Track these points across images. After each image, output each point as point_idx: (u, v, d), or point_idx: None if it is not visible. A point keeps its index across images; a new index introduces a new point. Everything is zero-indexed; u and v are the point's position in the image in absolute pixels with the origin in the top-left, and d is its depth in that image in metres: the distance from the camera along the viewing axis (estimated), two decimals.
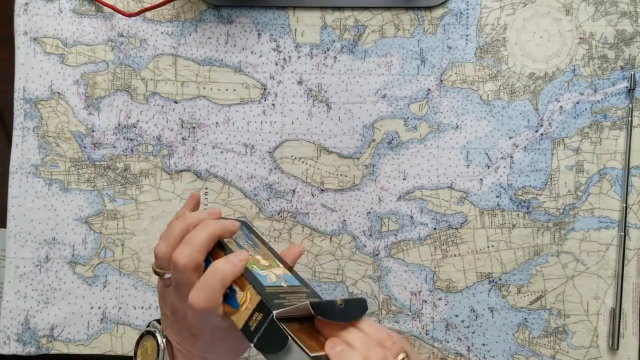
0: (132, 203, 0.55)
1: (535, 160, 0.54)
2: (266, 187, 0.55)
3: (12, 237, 0.55)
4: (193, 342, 0.41)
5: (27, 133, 0.55)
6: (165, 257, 0.40)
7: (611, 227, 0.54)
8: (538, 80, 0.55)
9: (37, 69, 0.55)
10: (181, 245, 0.39)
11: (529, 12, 0.55)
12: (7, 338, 0.54)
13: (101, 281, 0.55)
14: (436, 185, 0.55)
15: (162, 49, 0.56)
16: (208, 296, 0.37)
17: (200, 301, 0.37)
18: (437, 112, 0.55)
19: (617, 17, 0.54)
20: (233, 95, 0.56)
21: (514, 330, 0.54)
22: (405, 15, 0.55)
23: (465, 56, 0.55)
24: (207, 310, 0.37)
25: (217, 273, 0.38)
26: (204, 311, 0.37)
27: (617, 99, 0.54)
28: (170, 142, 0.56)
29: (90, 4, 0.56)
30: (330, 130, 0.55)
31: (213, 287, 0.37)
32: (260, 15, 0.55)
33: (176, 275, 0.39)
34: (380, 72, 0.55)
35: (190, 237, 0.39)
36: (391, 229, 0.55)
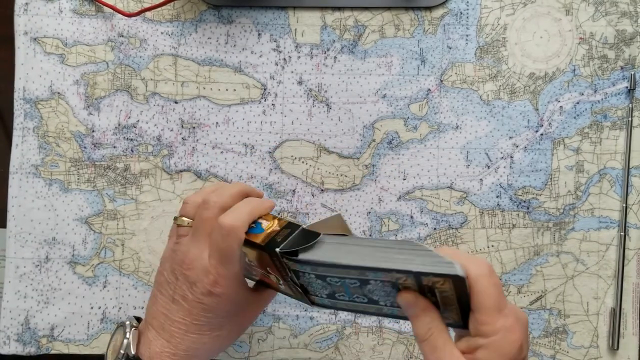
0: (132, 203, 0.55)
1: (535, 160, 0.54)
2: (266, 187, 0.55)
3: (12, 237, 0.55)
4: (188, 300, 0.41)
5: (27, 133, 0.55)
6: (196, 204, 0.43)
7: (611, 227, 0.54)
8: (538, 80, 0.55)
9: (37, 69, 0.55)
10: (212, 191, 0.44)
11: (529, 12, 0.55)
12: (7, 338, 0.54)
13: (101, 281, 0.55)
14: (436, 185, 0.55)
15: (162, 49, 0.56)
16: (236, 216, 0.41)
17: (227, 219, 0.40)
18: (437, 112, 0.55)
19: (617, 17, 0.54)
20: (233, 95, 0.56)
21: None
22: (405, 15, 0.55)
23: (465, 56, 0.55)
24: (231, 227, 0.40)
25: (250, 202, 0.43)
26: (229, 227, 0.40)
27: (617, 99, 0.54)
28: (170, 142, 0.56)
29: (90, 4, 0.56)
30: (330, 130, 0.55)
31: (242, 211, 0.41)
32: (260, 15, 0.55)
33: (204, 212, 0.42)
34: (380, 72, 0.55)
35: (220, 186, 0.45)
36: (391, 229, 0.55)
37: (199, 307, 0.41)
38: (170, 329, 0.42)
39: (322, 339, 0.55)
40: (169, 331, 0.42)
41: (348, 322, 0.55)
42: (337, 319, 0.55)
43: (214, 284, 0.41)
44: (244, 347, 0.55)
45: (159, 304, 0.43)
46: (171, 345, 0.41)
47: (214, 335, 0.43)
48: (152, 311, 0.43)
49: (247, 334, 0.55)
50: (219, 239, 0.41)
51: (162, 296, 0.43)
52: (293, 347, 0.55)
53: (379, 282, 0.37)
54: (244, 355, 0.55)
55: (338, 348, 0.55)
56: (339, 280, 0.39)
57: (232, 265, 0.41)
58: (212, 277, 0.41)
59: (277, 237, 0.40)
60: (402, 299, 0.37)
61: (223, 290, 0.41)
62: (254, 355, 0.55)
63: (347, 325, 0.55)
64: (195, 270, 0.41)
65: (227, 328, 0.43)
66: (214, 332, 0.42)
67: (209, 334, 0.42)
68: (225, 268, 0.41)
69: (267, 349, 0.55)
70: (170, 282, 0.43)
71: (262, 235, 0.41)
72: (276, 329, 0.55)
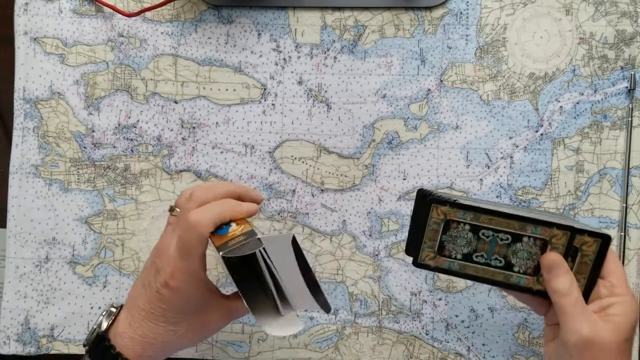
0: (132, 203, 0.55)
1: (535, 160, 0.54)
2: (266, 187, 0.55)
3: (12, 237, 0.55)
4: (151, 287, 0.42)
5: (27, 133, 0.55)
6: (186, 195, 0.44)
7: (611, 227, 0.54)
8: (538, 80, 0.55)
9: (37, 69, 0.55)
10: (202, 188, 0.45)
11: (529, 12, 0.55)
12: (7, 338, 0.54)
13: (101, 281, 0.55)
14: (436, 185, 0.55)
15: (162, 49, 0.56)
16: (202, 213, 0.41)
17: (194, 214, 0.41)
18: (437, 112, 0.55)
19: (617, 17, 0.54)
20: (233, 95, 0.56)
21: (514, 330, 0.54)
22: (405, 15, 0.55)
23: (465, 56, 0.55)
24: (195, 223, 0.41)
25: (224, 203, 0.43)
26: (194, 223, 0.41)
27: (617, 99, 0.54)
28: (170, 142, 0.56)
29: (90, 4, 0.56)
30: (330, 130, 0.55)
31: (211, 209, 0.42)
32: (260, 15, 0.55)
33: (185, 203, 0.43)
34: (380, 72, 0.55)
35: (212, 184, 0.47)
36: (391, 229, 0.55)
37: (156, 297, 0.42)
38: (133, 312, 0.43)
39: (322, 339, 0.55)
40: (132, 314, 0.43)
41: (348, 322, 0.55)
42: (337, 319, 0.55)
43: (171, 276, 0.41)
44: (244, 347, 0.55)
45: (133, 287, 0.44)
46: (131, 329, 0.42)
47: (168, 329, 0.43)
48: (128, 293, 0.45)
49: (247, 334, 0.55)
50: (182, 232, 0.41)
51: (138, 280, 0.44)
52: (293, 347, 0.55)
53: (532, 240, 0.43)
54: (244, 355, 0.55)
55: (338, 348, 0.55)
56: (491, 235, 0.44)
57: (190, 261, 0.41)
58: (170, 268, 0.41)
59: (231, 242, 0.41)
60: (549, 258, 0.42)
61: (178, 284, 0.41)
62: (254, 355, 0.55)
63: (347, 325, 0.55)
64: (162, 259, 0.42)
65: (183, 326, 0.43)
66: (169, 326, 0.43)
67: (163, 327, 0.42)
68: (183, 262, 0.41)
69: (267, 349, 0.55)
70: (146, 267, 0.44)
71: (223, 238, 0.42)
72: None
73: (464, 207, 0.44)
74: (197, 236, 0.41)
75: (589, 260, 0.43)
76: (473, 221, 0.44)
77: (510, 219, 0.44)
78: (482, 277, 0.45)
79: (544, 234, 0.43)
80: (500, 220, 0.44)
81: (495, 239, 0.44)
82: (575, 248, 0.43)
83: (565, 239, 0.43)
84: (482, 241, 0.44)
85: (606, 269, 0.42)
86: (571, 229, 0.42)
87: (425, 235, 0.46)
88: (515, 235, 0.44)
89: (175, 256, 0.41)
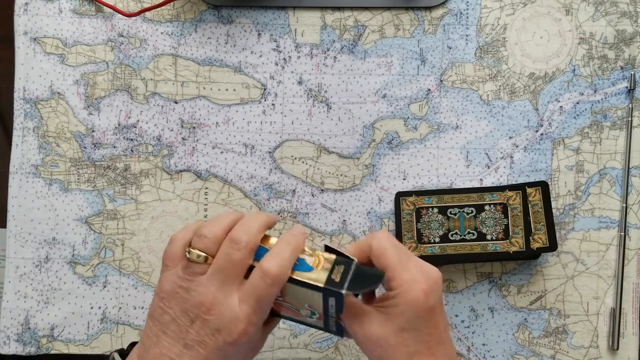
0: (132, 203, 0.55)
1: (535, 160, 0.54)
2: (266, 187, 0.55)
3: (12, 237, 0.55)
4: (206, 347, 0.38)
5: (27, 133, 0.55)
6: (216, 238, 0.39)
7: (611, 227, 0.54)
8: (538, 80, 0.55)
9: (37, 69, 0.55)
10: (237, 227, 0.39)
11: (529, 12, 0.55)
12: (7, 338, 0.54)
13: (101, 281, 0.55)
14: (436, 185, 0.55)
15: (162, 49, 0.56)
16: (281, 262, 0.37)
17: (273, 267, 0.37)
18: (437, 112, 0.55)
19: (617, 17, 0.54)
20: (233, 95, 0.56)
21: (514, 330, 0.54)
22: (405, 15, 0.55)
23: (465, 56, 0.55)
24: (279, 276, 0.37)
25: (289, 243, 0.39)
26: (276, 277, 0.37)
27: (617, 99, 0.54)
28: (170, 142, 0.56)
29: (90, 4, 0.56)
30: (330, 130, 0.55)
31: (285, 256, 0.38)
32: (260, 15, 0.55)
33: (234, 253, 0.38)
34: (380, 72, 0.55)
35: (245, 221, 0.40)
36: (391, 229, 0.55)
37: (217, 354, 0.38)
38: None
39: (322, 339, 0.55)
40: None
41: None
42: None
43: (244, 333, 0.37)
44: None
45: (162, 346, 0.38)
46: None
47: None
48: (154, 353, 0.38)
49: None
50: (261, 287, 0.37)
51: (168, 338, 0.38)
52: (293, 347, 0.55)
53: (492, 207, 0.50)
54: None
55: (338, 348, 0.55)
56: (458, 212, 0.51)
57: (265, 313, 0.39)
58: (242, 325, 0.37)
59: (334, 276, 0.38)
60: None
61: (250, 338, 0.38)
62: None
63: None
64: (220, 317, 0.37)
65: None
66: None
67: None
68: (258, 316, 0.38)
69: (267, 349, 0.55)
70: (182, 324, 0.38)
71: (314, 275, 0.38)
72: (276, 329, 0.55)
73: (427, 192, 0.52)
74: (279, 287, 0.38)
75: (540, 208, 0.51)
76: (439, 204, 0.51)
77: (468, 193, 0.51)
78: (464, 254, 0.51)
79: (501, 198, 0.51)
80: (461, 196, 0.51)
81: (462, 215, 0.51)
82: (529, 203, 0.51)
83: (519, 197, 0.50)
84: (452, 219, 0.51)
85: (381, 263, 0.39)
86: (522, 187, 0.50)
87: (402, 228, 0.51)
88: (477, 207, 0.51)
89: (247, 312, 0.37)
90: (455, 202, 0.51)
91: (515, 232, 0.51)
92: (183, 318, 0.38)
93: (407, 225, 0.52)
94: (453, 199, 0.51)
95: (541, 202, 0.51)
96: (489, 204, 0.50)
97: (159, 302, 0.39)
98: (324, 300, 0.38)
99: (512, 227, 0.51)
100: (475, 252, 0.51)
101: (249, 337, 0.38)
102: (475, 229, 0.51)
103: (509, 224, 0.51)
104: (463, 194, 0.51)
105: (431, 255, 0.51)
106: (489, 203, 0.50)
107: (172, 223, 0.55)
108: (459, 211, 0.51)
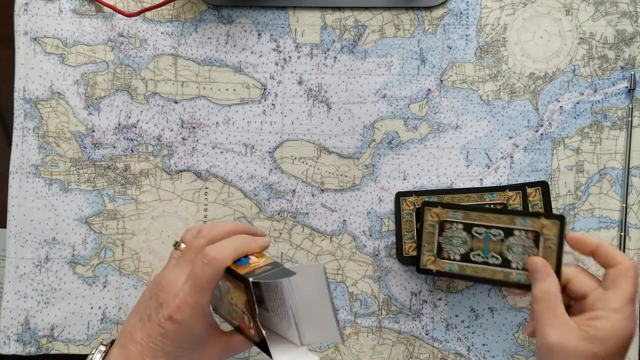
0: (132, 203, 0.55)
1: (535, 160, 0.54)
2: (266, 187, 0.55)
3: (12, 237, 0.55)
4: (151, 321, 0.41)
5: (27, 133, 0.55)
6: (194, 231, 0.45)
7: (611, 227, 0.54)
8: (538, 80, 0.55)
9: (37, 69, 0.55)
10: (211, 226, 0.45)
11: (529, 12, 0.55)
12: (7, 338, 0.54)
13: (101, 281, 0.55)
14: (436, 185, 0.55)
15: (162, 49, 0.56)
16: (221, 249, 0.41)
17: (213, 250, 0.41)
18: (437, 112, 0.55)
19: (617, 17, 0.54)
20: (233, 95, 0.56)
21: (514, 330, 0.54)
22: (405, 15, 0.55)
23: (465, 56, 0.55)
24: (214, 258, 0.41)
25: (239, 239, 0.43)
26: (212, 258, 0.41)
27: (617, 99, 0.54)
28: (170, 142, 0.56)
29: (90, 4, 0.56)
30: (330, 130, 0.55)
31: (228, 245, 0.42)
32: (260, 15, 0.55)
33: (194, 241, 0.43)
34: (380, 72, 0.55)
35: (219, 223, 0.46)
36: (391, 229, 0.55)
37: (158, 331, 0.41)
38: (129, 348, 0.41)
39: None
40: (127, 350, 0.41)
41: (348, 322, 0.55)
42: None
43: (177, 310, 0.41)
44: None
45: (128, 321, 0.43)
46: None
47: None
48: (122, 328, 0.43)
49: None
50: (198, 267, 0.41)
51: (133, 314, 0.43)
52: None
53: (523, 233, 0.44)
54: (244, 355, 0.55)
55: (338, 348, 0.55)
56: (484, 232, 0.45)
57: (201, 296, 0.41)
58: (177, 301, 0.41)
59: (257, 270, 0.41)
60: (530, 262, 0.43)
61: (184, 317, 0.41)
62: (254, 355, 0.55)
63: (347, 325, 0.55)
64: (167, 293, 0.41)
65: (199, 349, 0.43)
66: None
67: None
68: (193, 296, 0.41)
69: None
70: (144, 300, 0.43)
71: (247, 268, 0.41)
72: None
73: (454, 206, 0.47)
74: (215, 270, 0.41)
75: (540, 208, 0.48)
76: (464, 220, 0.46)
77: (499, 214, 0.45)
78: (483, 278, 0.46)
79: (534, 225, 0.44)
80: (490, 215, 0.46)
81: (489, 236, 0.46)
82: None
83: (556, 228, 0.43)
84: (477, 239, 0.46)
85: (614, 281, 0.41)
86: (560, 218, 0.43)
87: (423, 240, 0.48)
88: (506, 230, 0.45)
89: (185, 290, 0.41)
90: (484, 222, 0.46)
91: None
92: (147, 294, 0.43)
93: (428, 237, 0.48)
94: (481, 217, 0.46)
95: (541, 202, 0.50)
96: (520, 229, 0.44)
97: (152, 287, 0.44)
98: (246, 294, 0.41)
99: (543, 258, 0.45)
100: (496, 278, 0.46)
101: (183, 317, 0.41)
102: (500, 253, 0.45)
103: (539, 255, 0.44)
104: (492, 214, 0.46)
105: (449, 272, 0.47)
106: (520, 228, 0.44)
107: (172, 223, 0.55)
108: (485, 232, 0.46)
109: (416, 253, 0.50)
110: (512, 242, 0.45)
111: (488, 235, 0.46)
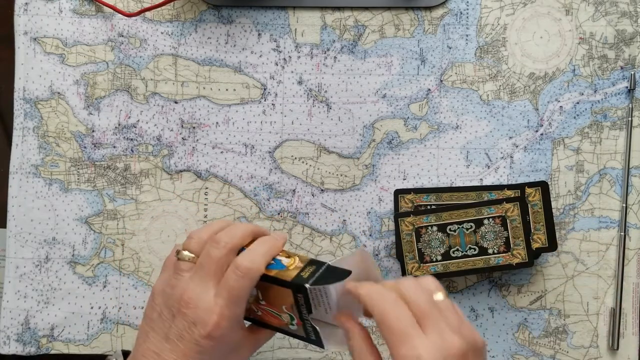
0: (132, 203, 0.55)
1: (535, 160, 0.54)
2: (266, 187, 0.55)
3: (12, 237, 0.55)
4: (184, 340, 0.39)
5: (27, 133, 0.55)
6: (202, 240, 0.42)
7: (611, 227, 0.54)
8: (538, 80, 0.55)
9: (37, 69, 0.55)
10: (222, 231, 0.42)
11: (529, 12, 0.55)
12: (7, 338, 0.54)
13: (101, 281, 0.55)
14: (436, 185, 0.55)
15: (162, 49, 0.56)
16: (253, 257, 0.40)
17: (245, 261, 0.40)
18: (437, 112, 0.55)
19: (617, 17, 0.54)
20: (233, 95, 0.56)
21: (514, 330, 0.54)
22: (405, 15, 0.55)
23: (465, 56, 0.55)
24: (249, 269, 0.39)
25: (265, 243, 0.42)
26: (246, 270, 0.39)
27: (617, 99, 0.54)
28: (170, 142, 0.56)
29: (90, 4, 0.56)
30: (330, 130, 0.55)
31: (259, 252, 0.41)
32: (260, 15, 0.55)
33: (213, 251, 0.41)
34: (380, 72, 0.55)
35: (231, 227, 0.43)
36: (391, 229, 0.55)
37: (195, 349, 0.39)
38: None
39: None
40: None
41: None
42: None
43: (216, 326, 0.39)
44: None
45: (150, 342, 0.41)
46: None
47: None
48: (143, 349, 0.41)
49: None
50: (233, 280, 0.39)
51: (154, 333, 0.41)
52: (293, 347, 0.55)
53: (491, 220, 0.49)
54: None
55: None
56: (457, 228, 0.49)
57: (238, 308, 0.40)
58: (215, 318, 0.39)
59: (303, 273, 0.40)
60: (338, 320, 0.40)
61: (224, 332, 0.40)
62: (254, 355, 0.55)
63: None
64: (196, 310, 0.40)
65: None
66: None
67: None
68: (230, 310, 0.40)
69: (267, 349, 0.55)
70: (165, 319, 0.41)
71: (286, 272, 0.40)
72: None
73: (425, 190, 0.52)
74: (251, 281, 0.40)
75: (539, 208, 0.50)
76: (437, 221, 0.50)
77: (466, 208, 0.50)
78: (468, 270, 0.50)
79: (498, 211, 0.49)
80: (459, 212, 0.50)
81: (462, 230, 0.50)
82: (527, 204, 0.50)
83: (517, 209, 0.49)
84: (452, 236, 0.50)
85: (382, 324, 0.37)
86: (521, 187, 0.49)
87: (404, 249, 0.50)
88: (476, 221, 0.50)
89: (220, 305, 0.39)
90: (454, 219, 0.50)
91: (517, 244, 0.50)
92: (166, 313, 0.41)
93: (408, 245, 0.51)
94: (451, 215, 0.50)
95: (541, 202, 0.51)
96: (488, 217, 0.50)
97: (151, 301, 0.43)
98: (294, 298, 0.40)
99: (513, 239, 0.50)
100: (478, 266, 0.50)
101: (222, 332, 0.39)
102: (476, 244, 0.50)
103: (510, 236, 0.50)
104: (461, 210, 0.50)
105: (434, 273, 0.51)
106: (487, 217, 0.50)
107: (172, 223, 0.55)
108: (458, 227, 0.50)
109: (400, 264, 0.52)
110: (484, 230, 0.50)
111: (462, 230, 0.50)
